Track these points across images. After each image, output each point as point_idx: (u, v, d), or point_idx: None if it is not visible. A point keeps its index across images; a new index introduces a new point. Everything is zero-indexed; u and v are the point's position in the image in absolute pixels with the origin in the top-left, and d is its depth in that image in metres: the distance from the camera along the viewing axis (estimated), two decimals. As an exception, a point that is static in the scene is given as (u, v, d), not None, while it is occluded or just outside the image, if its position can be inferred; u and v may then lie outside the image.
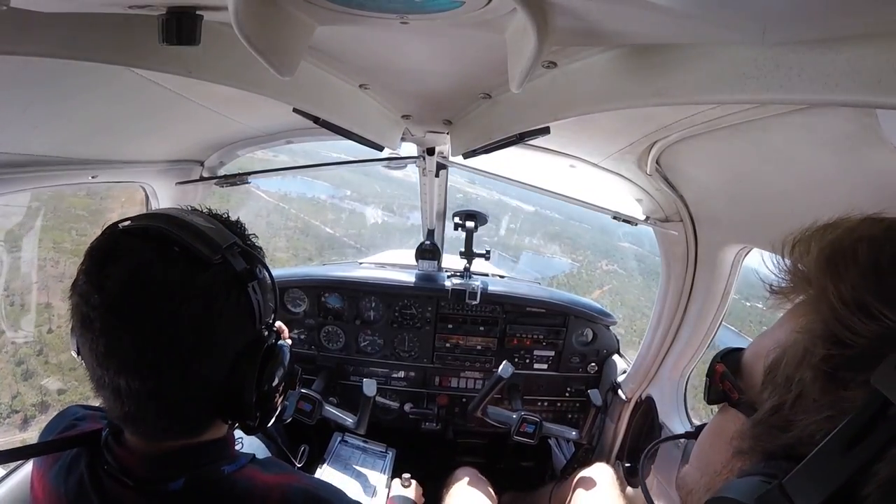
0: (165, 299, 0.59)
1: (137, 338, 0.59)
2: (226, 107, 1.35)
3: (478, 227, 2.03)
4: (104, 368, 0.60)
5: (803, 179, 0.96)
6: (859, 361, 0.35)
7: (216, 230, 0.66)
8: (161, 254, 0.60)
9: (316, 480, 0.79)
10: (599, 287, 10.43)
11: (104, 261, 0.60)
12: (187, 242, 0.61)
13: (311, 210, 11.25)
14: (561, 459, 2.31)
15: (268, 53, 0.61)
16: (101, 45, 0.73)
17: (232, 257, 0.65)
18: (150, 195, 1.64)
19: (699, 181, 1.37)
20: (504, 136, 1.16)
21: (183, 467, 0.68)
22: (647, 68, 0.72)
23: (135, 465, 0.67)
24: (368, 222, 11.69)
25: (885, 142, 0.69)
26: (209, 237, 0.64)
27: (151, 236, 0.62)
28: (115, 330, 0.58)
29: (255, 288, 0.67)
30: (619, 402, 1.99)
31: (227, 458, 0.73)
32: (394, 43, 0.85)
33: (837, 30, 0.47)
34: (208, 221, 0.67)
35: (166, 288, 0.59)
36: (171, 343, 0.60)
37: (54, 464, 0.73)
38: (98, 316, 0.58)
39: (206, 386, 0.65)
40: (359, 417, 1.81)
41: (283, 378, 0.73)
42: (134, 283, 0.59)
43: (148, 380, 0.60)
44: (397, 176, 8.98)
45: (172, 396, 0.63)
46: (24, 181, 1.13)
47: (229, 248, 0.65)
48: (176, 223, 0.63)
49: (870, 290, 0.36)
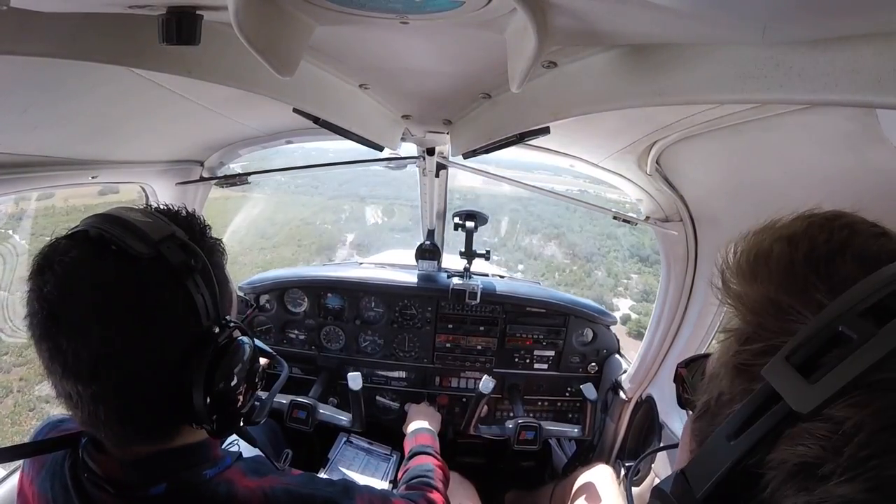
0: (95, 299, 0.58)
1: (73, 340, 0.57)
2: (226, 107, 1.35)
3: (478, 227, 2.03)
4: (53, 374, 0.60)
5: (804, 179, 0.96)
6: (766, 355, 0.35)
7: (151, 224, 0.63)
8: (92, 253, 0.59)
9: (298, 477, 0.79)
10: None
11: (42, 267, 0.59)
12: (117, 239, 0.59)
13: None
14: (562, 459, 2.31)
15: (268, 53, 0.61)
16: (101, 45, 0.73)
17: (167, 251, 0.61)
18: (150, 195, 1.64)
19: (699, 181, 1.37)
20: (504, 136, 1.16)
21: (162, 473, 0.67)
22: (647, 68, 0.72)
23: (115, 472, 0.67)
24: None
25: (885, 142, 0.69)
26: (141, 231, 0.61)
27: (86, 237, 0.61)
28: (54, 335, 0.58)
29: (196, 282, 0.63)
30: (619, 402, 1.99)
31: (209, 461, 0.72)
32: (394, 43, 0.85)
33: (837, 30, 0.47)
34: (146, 216, 0.64)
35: (96, 287, 0.58)
36: (104, 344, 0.58)
37: (41, 469, 0.73)
38: (38, 322, 0.58)
39: (152, 388, 0.62)
40: (352, 414, 1.80)
41: (242, 377, 0.69)
42: (66, 285, 0.58)
43: (90, 384, 0.58)
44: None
45: (118, 400, 0.60)
46: (24, 181, 1.13)
47: (164, 241, 0.62)
48: (111, 221, 0.61)
49: (782, 288, 0.37)
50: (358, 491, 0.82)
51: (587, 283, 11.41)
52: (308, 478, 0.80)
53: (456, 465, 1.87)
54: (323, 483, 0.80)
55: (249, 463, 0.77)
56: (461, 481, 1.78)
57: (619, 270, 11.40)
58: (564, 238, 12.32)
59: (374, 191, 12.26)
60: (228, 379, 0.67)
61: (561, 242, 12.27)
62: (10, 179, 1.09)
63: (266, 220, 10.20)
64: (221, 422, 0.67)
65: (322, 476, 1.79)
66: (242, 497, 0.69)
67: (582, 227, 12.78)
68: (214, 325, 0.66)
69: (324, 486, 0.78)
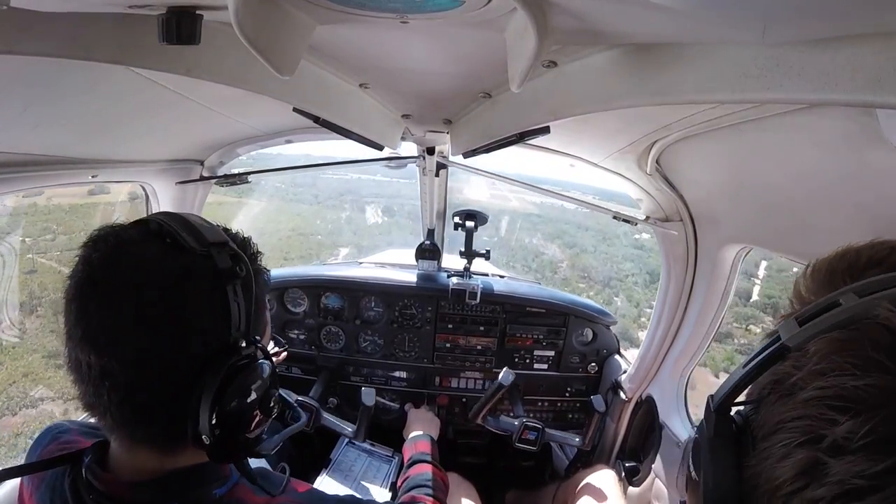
0: (136, 274, 0.60)
1: (102, 307, 0.58)
2: (226, 107, 1.35)
3: (478, 227, 2.03)
4: (71, 339, 0.60)
5: (803, 179, 0.96)
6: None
7: (209, 229, 0.65)
8: (147, 237, 0.62)
9: (307, 495, 0.78)
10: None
11: (97, 239, 0.62)
12: (174, 231, 0.62)
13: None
14: (562, 459, 2.31)
15: (268, 53, 0.61)
16: (100, 45, 0.73)
17: (217, 254, 0.63)
18: (150, 195, 1.64)
19: (699, 181, 1.37)
20: (504, 135, 1.17)
21: (171, 493, 0.66)
22: (647, 68, 0.72)
23: (122, 492, 0.65)
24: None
25: (885, 142, 0.69)
26: (198, 231, 0.63)
27: (145, 224, 0.64)
28: (86, 297, 0.59)
29: (235, 291, 0.63)
30: (619, 402, 1.99)
31: (219, 479, 0.71)
32: (394, 42, 0.85)
33: (837, 30, 0.47)
34: (206, 223, 0.66)
35: (140, 264, 0.60)
36: (128, 317, 0.58)
37: (41, 484, 0.72)
38: (76, 283, 0.60)
39: (164, 377, 0.61)
40: (357, 427, 1.78)
41: (256, 399, 0.66)
42: (112, 256, 0.60)
43: (104, 356, 0.58)
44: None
45: (128, 379, 0.59)
46: (24, 181, 1.14)
47: (217, 245, 0.64)
48: (173, 217, 0.64)
49: (821, 286, 0.45)
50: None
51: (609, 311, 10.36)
52: (316, 496, 0.79)
53: (456, 465, 1.86)
54: (330, 500, 0.80)
55: (258, 478, 0.75)
56: (461, 481, 1.78)
57: (640, 297, 10.13)
58: (578, 260, 11.47)
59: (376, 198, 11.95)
60: (241, 397, 0.64)
61: (573, 265, 11.50)
62: (10, 178, 1.09)
63: (255, 231, 9.87)
64: (223, 441, 0.64)
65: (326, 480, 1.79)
66: None
67: (596, 247, 11.67)
68: (242, 340, 0.65)
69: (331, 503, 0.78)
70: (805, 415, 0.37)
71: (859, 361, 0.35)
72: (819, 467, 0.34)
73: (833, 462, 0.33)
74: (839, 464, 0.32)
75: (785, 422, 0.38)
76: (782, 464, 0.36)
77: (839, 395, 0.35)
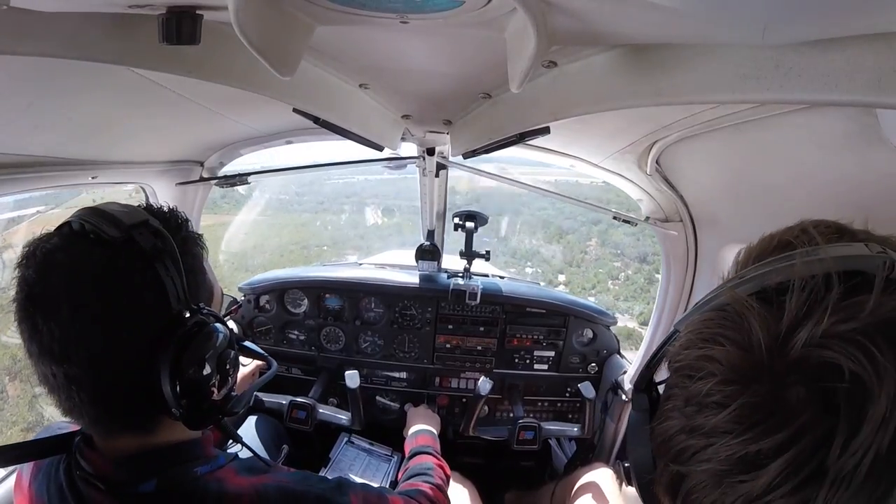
0: (67, 279, 0.61)
1: (47, 320, 0.59)
2: (226, 107, 1.35)
3: (478, 228, 2.03)
4: (31, 355, 0.61)
5: (803, 179, 0.96)
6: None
7: (126, 212, 0.65)
8: (70, 240, 0.63)
9: (292, 475, 0.78)
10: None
11: (27, 255, 0.63)
12: (93, 225, 0.62)
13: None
14: (562, 459, 2.31)
15: (268, 53, 0.61)
16: (101, 45, 0.73)
17: (139, 235, 0.63)
18: (150, 196, 1.64)
19: (699, 181, 1.37)
20: (504, 136, 1.16)
21: (152, 469, 0.67)
22: (647, 68, 0.72)
23: (105, 469, 0.67)
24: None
25: (885, 142, 0.69)
26: (115, 217, 0.63)
27: (69, 228, 0.64)
28: (31, 316, 0.60)
29: (166, 266, 0.64)
30: (619, 403, 1.99)
31: (201, 458, 0.72)
32: (394, 43, 0.85)
33: (837, 30, 0.47)
34: (124, 207, 0.67)
35: (69, 269, 0.61)
36: (74, 323, 0.59)
37: (38, 473, 0.73)
38: (19, 304, 0.61)
39: (123, 369, 0.63)
40: (351, 413, 1.80)
41: (213, 363, 0.68)
42: (42, 269, 0.61)
43: (62, 363, 0.60)
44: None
45: (90, 380, 0.62)
46: (23, 182, 1.13)
47: (137, 226, 0.64)
48: (92, 211, 0.64)
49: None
50: (352, 488, 0.82)
51: (652, 293, 9.46)
52: (302, 475, 0.79)
53: (456, 465, 1.86)
54: (316, 480, 0.80)
55: (244, 462, 0.77)
56: (461, 481, 1.78)
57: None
58: (607, 236, 10.89)
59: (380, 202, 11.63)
60: (198, 364, 0.66)
61: (604, 241, 11.00)
62: (10, 179, 1.09)
63: (254, 248, 9.26)
64: (193, 410, 0.67)
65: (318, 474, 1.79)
66: (233, 494, 0.69)
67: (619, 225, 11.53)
68: (185, 311, 0.67)
69: (317, 483, 0.78)
70: (674, 383, 0.47)
71: (705, 337, 0.44)
72: (690, 421, 0.43)
73: (698, 418, 0.42)
74: (700, 417, 0.42)
75: (669, 388, 0.49)
76: (668, 423, 0.46)
77: (688, 365, 0.45)
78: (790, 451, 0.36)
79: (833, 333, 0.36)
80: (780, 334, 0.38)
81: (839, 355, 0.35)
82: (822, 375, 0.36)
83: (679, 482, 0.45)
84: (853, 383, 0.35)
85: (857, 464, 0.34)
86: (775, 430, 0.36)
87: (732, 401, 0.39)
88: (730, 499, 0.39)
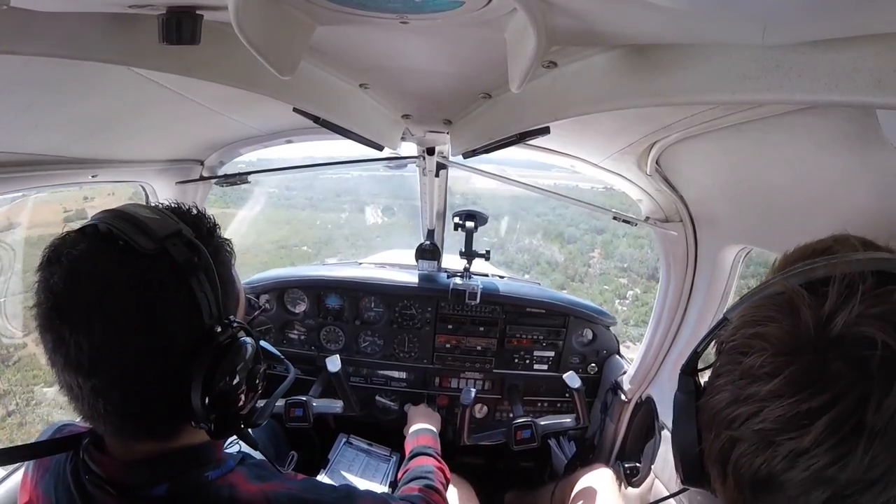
0: (98, 292, 0.58)
1: (75, 333, 0.57)
2: (226, 107, 1.35)
3: (477, 227, 2.03)
4: (55, 365, 0.60)
5: (803, 179, 0.96)
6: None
7: (158, 221, 0.63)
8: (99, 247, 0.60)
9: (301, 482, 0.78)
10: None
11: (51, 259, 0.60)
12: (124, 234, 0.60)
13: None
14: (561, 459, 2.31)
15: (268, 53, 0.61)
16: (101, 45, 0.73)
17: (173, 247, 0.61)
18: (150, 195, 1.64)
19: (699, 181, 1.37)
20: (504, 136, 1.16)
21: (163, 473, 0.67)
22: (647, 68, 0.72)
23: (116, 473, 0.66)
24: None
25: (885, 142, 0.69)
26: (147, 227, 0.61)
27: (95, 232, 0.61)
28: (57, 327, 0.58)
29: (199, 280, 0.63)
30: (619, 403, 1.99)
31: (212, 463, 0.71)
32: (394, 43, 0.85)
33: (837, 30, 0.47)
34: (155, 213, 0.65)
35: (100, 281, 0.59)
36: (104, 337, 0.58)
37: (45, 473, 0.72)
38: (43, 312, 0.59)
39: (152, 384, 0.62)
40: (343, 400, 1.82)
41: (243, 378, 0.68)
42: (70, 278, 0.58)
43: (90, 377, 0.59)
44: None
45: (118, 394, 0.60)
46: (23, 181, 1.14)
47: (170, 237, 0.62)
48: (120, 216, 0.62)
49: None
50: (360, 497, 0.82)
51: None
52: (311, 483, 0.79)
53: (455, 466, 1.86)
54: (326, 489, 0.80)
55: (253, 467, 0.76)
56: (461, 482, 1.78)
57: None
58: (611, 247, 9.46)
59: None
60: (228, 379, 0.66)
61: (608, 254, 9.56)
62: (10, 178, 1.09)
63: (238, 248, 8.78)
64: (220, 422, 0.66)
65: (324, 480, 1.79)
66: (245, 501, 0.69)
67: (627, 231, 10.01)
68: (217, 325, 0.65)
69: (327, 493, 0.78)
70: (726, 361, 0.52)
71: (757, 320, 0.49)
72: (742, 392, 0.48)
73: (750, 388, 0.47)
74: (752, 386, 0.47)
75: (720, 367, 0.53)
76: (719, 396, 0.51)
77: (741, 344, 0.50)
78: (833, 410, 0.41)
79: (868, 315, 0.43)
80: (824, 316, 0.45)
81: (874, 330, 0.42)
82: (860, 347, 0.42)
83: (730, 449, 0.49)
84: (885, 351, 0.41)
85: (889, 418, 0.40)
86: (821, 392, 0.42)
87: (782, 370, 0.45)
88: (779, 457, 0.44)
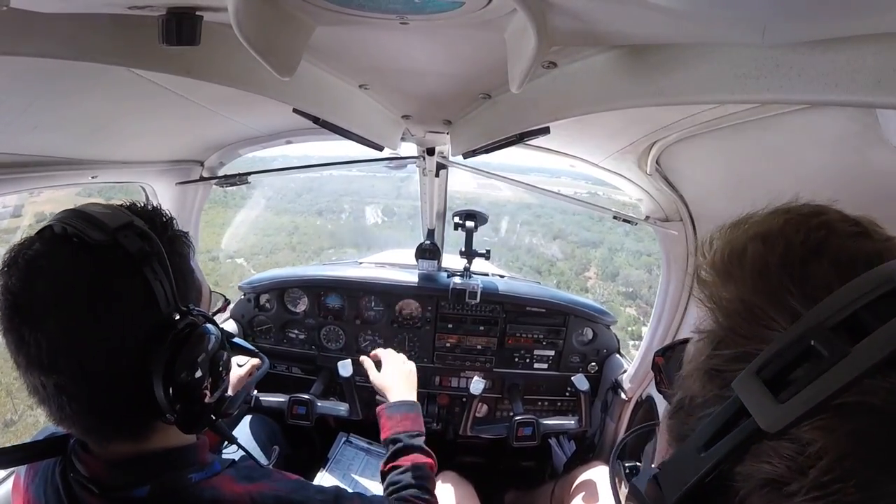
0: (53, 288, 0.59)
1: (33, 331, 0.58)
2: (226, 107, 1.35)
3: (478, 227, 2.03)
4: (19, 367, 0.60)
5: (803, 179, 0.96)
6: (738, 362, 0.35)
7: (109, 214, 0.63)
8: (53, 245, 0.61)
9: (289, 483, 0.77)
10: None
11: (9, 262, 0.61)
12: (76, 229, 0.60)
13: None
14: (561, 459, 2.31)
15: (268, 54, 0.61)
16: (101, 46, 0.73)
17: (125, 238, 0.61)
18: (150, 195, 1.64)
19: (699, 181, 1.37)
20: (504, 136, 1.16)
21: (146, 474, 0.67)
22: (647, 68, 0.72)
23: (99, 473, 0.67)
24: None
25: (885, 142, 0.69)
26: (98, 220, 0.61)
27: (51, 232, 0.62)
28: (17, 326, 0.59)
29: (153, 269, 0.63)
30: (619, 402, 1.99)
31: (196, 465, 0.71)
32: (394, 43, 0.85)
33: (837, 30, 0.47)
34: (107, 209, 0.65)
35: (54, 276, 0.59)
36: (61, 332, 0.58)
37: (35, 475, 0.73)
38: (3, 314, 0.59)
39: (114, 376, 0.61)
40: (349, 404, 1.82)
41: (206, 366, 0.67)
42: (26, 277, 0.59)
43: (52, 374, 0.59)
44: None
45: (81, 389, 0.60)
46: (23, 181, 1.13)
47: (121, 229, 0.62)
48: (74, 214, 0.62)
49: (756, 291, 0.36)
50: (348, 499, 0.81)
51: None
52: (300, 484, 0.79)
53: (455, 465, 1.87)
54: (314, 490, 0.79)
55: (241, 469, 0.76)
56: (460, 481, 1.78)
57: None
58: (611, 264, 8.91)
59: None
60: (190, 367, 0.65)
61: (605, 272, 9.08)
62: (9, 179, 1.09)
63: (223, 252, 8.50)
64: (187, 413, 0.66)
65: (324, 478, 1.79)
66: (228, 502, 0.69)
67: (623, 244, 9.46)
68: (175, 313, 0.65)
69: (314, 494, 0.78)
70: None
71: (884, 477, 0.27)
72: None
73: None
74: None
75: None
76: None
77: None
78: None
79: None
80: None
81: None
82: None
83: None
84: None
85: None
86: None
87: None
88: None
